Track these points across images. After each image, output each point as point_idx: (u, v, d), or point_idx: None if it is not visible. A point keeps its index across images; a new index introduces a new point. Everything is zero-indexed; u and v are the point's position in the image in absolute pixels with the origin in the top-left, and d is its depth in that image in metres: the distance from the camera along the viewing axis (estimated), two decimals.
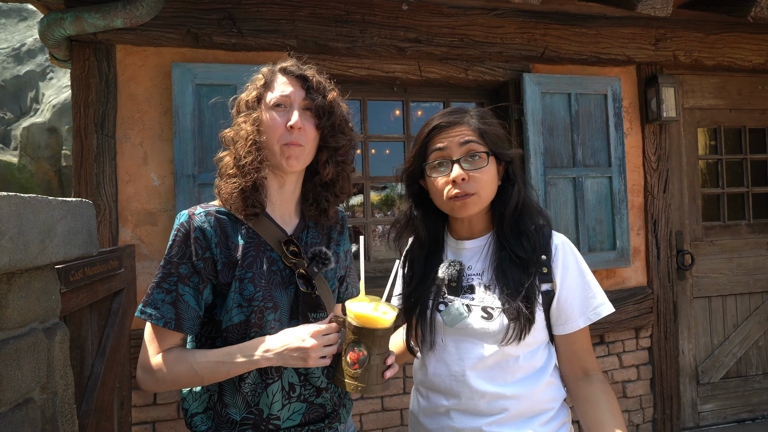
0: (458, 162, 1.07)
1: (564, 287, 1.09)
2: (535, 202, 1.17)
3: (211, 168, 2.38)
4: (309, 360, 0.94)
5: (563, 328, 1.10)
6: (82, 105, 2.32)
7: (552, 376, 1.12)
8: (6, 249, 0.81)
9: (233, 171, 1.04)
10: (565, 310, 1.09)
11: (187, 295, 1.00)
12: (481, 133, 1.08)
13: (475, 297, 1.09)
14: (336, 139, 1.10)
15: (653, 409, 3.00)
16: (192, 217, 1.03)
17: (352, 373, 0.94)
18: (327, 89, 1.11)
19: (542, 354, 1.11)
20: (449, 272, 1.11)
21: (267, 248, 1.07)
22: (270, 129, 1.05)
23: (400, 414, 2.64)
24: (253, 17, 2.46)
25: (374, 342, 0.93)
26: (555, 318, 1.11)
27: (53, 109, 9.23)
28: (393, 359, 0.98)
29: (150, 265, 2.38)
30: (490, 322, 1.05)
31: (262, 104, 1.07)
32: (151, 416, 2.33)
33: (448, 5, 2.69)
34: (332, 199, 1.15)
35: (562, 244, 1.12)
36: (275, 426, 1.03)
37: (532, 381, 1.08)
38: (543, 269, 1.09)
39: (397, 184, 3.59)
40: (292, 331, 0.97)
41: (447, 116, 1.12)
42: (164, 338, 1.01)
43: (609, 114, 2.90)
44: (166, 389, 1.02)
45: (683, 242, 3.11)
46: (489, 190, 1.09)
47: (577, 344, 1.11)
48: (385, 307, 0.95)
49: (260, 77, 1.10)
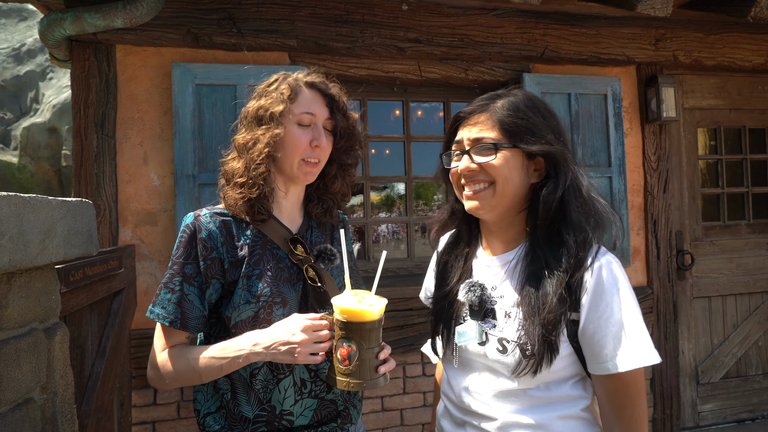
0: (468, 153, 0.97)
1: (592, 320, 0.88)
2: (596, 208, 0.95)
3: (211, 168, 2.39)
4: (298, 356, 0.92)
5: (590, 366, 0.91)
6: (82, 105, 2.32)
7: (584, 411, 0.95)
8: (6, 249, 0.81)
9: (242, 180, 1.04)
10: (593, 348, 0.89)
11: (192, 295, 1.02)
12: (500, 123, 0.95)
13: (496, 324, 0.96)
14: (348, 157, 1.16)
15: (653, 409, 3.00)
16: (198, 218, 1.05)
17: (343, 369, 0.92)
18: (348, 109, 1.14)
19: (572, 388, 0.94)
20: (470, 297, 0.99)
21: (273, 246, 1.08)
22: (293, 145, 1.06)
23: (400, 414, 2.64)
24: (253, 17, 2.46)
25: (363, 336, 0.91)
26: (585, 353, 0.91)
27: (53, 109, 9.23)
28: (387, 353, 0.97)
29: (150, 265, 2.38)
30: (505, 356, 0.93)
31: (286, 116, 1.06)
32: (151, 416, 2.33)
33: (448, 5, 2.69)
34: (336, 200, 1.20)
35: (599, 266, 0.90)
36: (288, 422, 1.04)
37: (549, 411, 0.93)
38: (573, 296, 0.90)
39: (397, 183, 3.60)
40: (284, 323, 0.96)
41: (475, 103, 1.00)
42: (170, 336, 1.04)
43: (609, 114, 2.90)
44: (171, 387, 1.04)
45: (683, 242, 3.11)
46: (507, 184, 0.94)
47: (606, 392, 0.90)
48: (372, 299, 0.93)
49: (286, 88, 1.06)
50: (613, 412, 0.90)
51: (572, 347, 0.91)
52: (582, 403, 0.95)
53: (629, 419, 0.88)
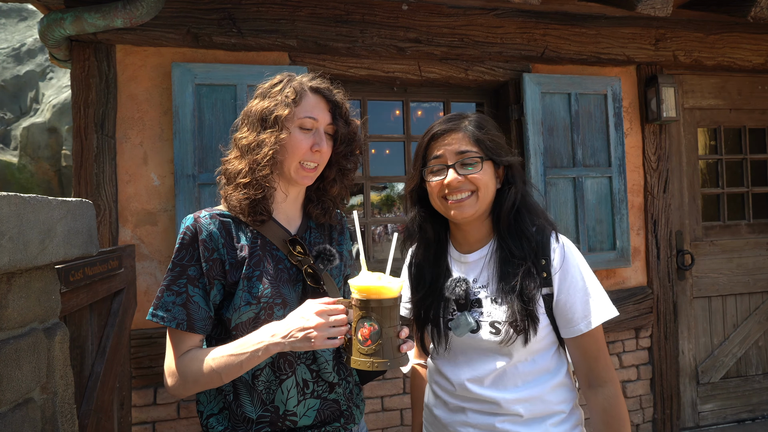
0: (453, 167, 1.10)
1: (562, 291, 1.09)
2: (537, 204, 1.17)
3: (211, 168, 2.38)
4: (314, 341, 0.91)
5: (565, 332, 1.11)
6: (82, 105, 2.32)
7: (565, 377, 1.13)
8: (6, 249, 0.81)
9: (246, 180, 1.04)
10: (565, 315, 1.09)
11: (197, 296, 1.02)
12: (476, 140, 1.10)
13: (483, 311, 1.11)
14: (348, 162, 1.17)
15: (653, 409, 3.00)
16: (198, 220, 1.05)
17: (365, 350, 0.91)
18: (350, 115, 1.15)
19: (552, 358, 1.13)
20: (456, 292, 1.11)
21: (273, 248, 1.09)
22: (293, 148, 1.06)
23: (400, 414, 2.64)
24: (253, 17, 2.46)
25: (383, 314, 0.91)
26: (558, 322, 1.11)
27: (53, 109, 9.23)
28: (407, 332, 0.97)
29: (150, 265, 2.38)
30: (498, 336, 1.07)
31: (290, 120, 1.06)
32: (151, 416, 2.33)
33: (448, 5, 2.69)
34: (335, 201, 1.21)
35: (561, 246, 1.11)
36: (292, 422, 1.04)
37: (541, 384, 1.10)
38: (543, 273, 1.08)
39: (396, 183, 3.60)
40: (298, 310, 0.96)
41: (444, 123, 1.14)
42: (182, 341, 1.02)
43: (609, 114, 2.90)
44: (192, 392, 1.02)
45: (683, 242, 3.11)
46: (487, 191, 1.11)
47: (581, 350, 1.10)
48: (389, 278, 0.94)
49: (291, 92, 1.07)
50: (589, 364, 1.10)
51: (548, 319, 1.10)
52: (563, 369, 1.14)
53: (603, 367, 1.10)
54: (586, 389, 1.12)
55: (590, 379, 1.10)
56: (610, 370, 1.10)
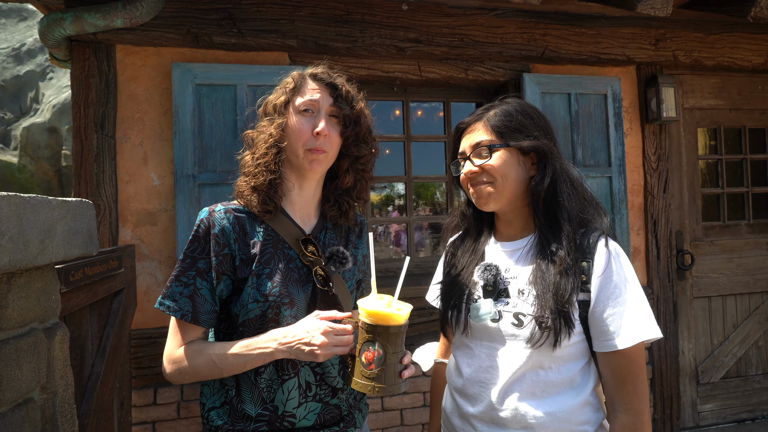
0: (468, 158, 1.10)
1: (600, 299, 0.97)
2: (588, 198, 1.07)
3: (211, 168, 2.39)
4: (319, 357, 0.94)
5: (597, 345, 0.99)
6: (82, 105, 2.32)
7: (591, 395, 1.02)
8: (6, 249, 0.81)
9: (250, 169, 1.08)
10: (600, 326, 0.97)
11: (204, 290, 1.03)
12: (494, 128, 1.07)
13: (509, 302, 1.04)
14: (359, 149, 1.13)
15: (653, 409, 3.00)
16: (212, 213, 1.06)
17: (368, 373, 0.91)
18: (355, 99, 1.13)
19: (581, 372, 1.02)
20: (485, 276, 1.08)
21: (285, 246, 1.09)
22: (296, 133, 1.07)
23: (400, 414, 2.64)
24: (253, 17, 2.46)
25: (389, 340, 0.91)
26: (592, 332, 1.00)
27: (53, 109, 9.23)
28: (409, 359, 0.97)
29: (150, 265, 2.38)
30: (520, 329, 1.00)
31: (290, 108, 1.09)
32: (151, 416, 2.33)
33: (448, 5, 2.69)
34: (351, 202, 1.18)
35: (608, 252, 0.99)
36: (290, 424, 1.04)
37: (564, 399, 0.99)
38: (582, 276, 0.99)
39: (396, 183, 3.60)
40: (306, 323, 0.97)
41: (471, 116, 1.14)
42: (186, 331, 1.04)
43: (609, 114, 2.90)
44: (188, 381, 1.04)
45: (683, 242, 3.11)
46: (505, 180, 1.05)
47: (610, 368, 0.98)
48: (399, 304, 0.93)
49: (290, 81, 1.11)
50: (616, 388, 0.97)
51: (582, 327, 0.99)
52: (589, 385, 1.02)
53: (631, 393, 0.96)
54: (609, 411, 1.01)
55: (614, 402, 0.98)
56: (638, 399, 0.96)
